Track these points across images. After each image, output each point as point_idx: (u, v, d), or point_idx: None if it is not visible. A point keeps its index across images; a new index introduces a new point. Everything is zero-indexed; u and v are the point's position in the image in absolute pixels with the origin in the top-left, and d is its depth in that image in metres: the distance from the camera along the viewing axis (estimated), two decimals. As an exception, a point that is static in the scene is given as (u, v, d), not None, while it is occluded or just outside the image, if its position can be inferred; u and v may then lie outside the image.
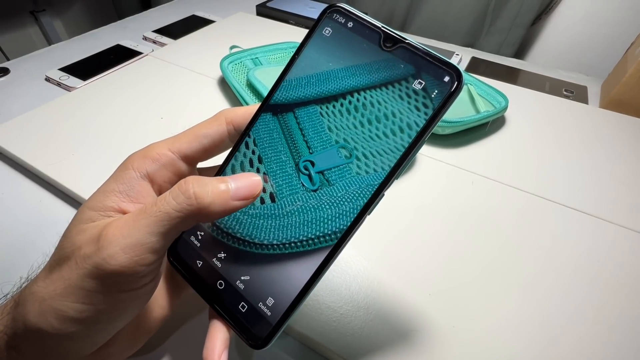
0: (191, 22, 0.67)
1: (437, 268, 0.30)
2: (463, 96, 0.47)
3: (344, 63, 0.18)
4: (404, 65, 0.17)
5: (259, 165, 0.20)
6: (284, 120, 0.19)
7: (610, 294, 0.29)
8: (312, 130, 0.19)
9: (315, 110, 0.19)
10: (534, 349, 0.25)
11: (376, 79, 0.17)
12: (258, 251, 0.19)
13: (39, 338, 0.16)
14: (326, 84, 0.18)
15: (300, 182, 0.19)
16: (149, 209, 0.16)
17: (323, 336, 0.25)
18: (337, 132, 0.18)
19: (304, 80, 0.19)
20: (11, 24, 0.92)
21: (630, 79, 0.49)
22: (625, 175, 0.40)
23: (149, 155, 0.19)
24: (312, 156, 0.19)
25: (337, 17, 0.18)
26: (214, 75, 0.51)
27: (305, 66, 0.19)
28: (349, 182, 0.18)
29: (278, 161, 0.19)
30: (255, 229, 0.19)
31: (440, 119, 0.16)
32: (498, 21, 0.75)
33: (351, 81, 0.18)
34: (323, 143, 0.18)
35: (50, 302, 0.16)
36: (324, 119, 0.19)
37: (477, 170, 0.39)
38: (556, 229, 0.34)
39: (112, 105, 0.44)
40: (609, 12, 0.68)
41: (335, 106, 0.18)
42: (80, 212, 0.18)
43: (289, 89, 0.19)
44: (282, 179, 0.19)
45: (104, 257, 0.15)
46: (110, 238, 0.16)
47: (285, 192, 0.19)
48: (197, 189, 0.16)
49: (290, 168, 0.19)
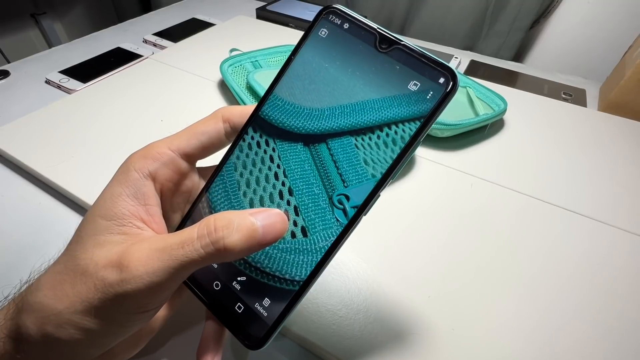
0: (191, 25, 0.67)
1: (436, 270, 0.30)
2: (462, 99, 0.47)
3: (342, 66, 0.18)
4: (399, 67, 0.17)
5: (290, 197, 0.19)
6: (316, 152, 0.18)
7: (608, 296, 0.29)
8: (346, 163, 0.18)
9: (350, 142, 0.18)
10: (533, 351, 0.25)
11: (410, 111, 0.17)
12: (291, 288, 0.18)
13: (54, 345, 0.17)
14: (361, 115, 0.18)
15: (334, 217, 0.18)
16: (175, 252, 0.16)
17: (322, 339, 0.25)
18: (374, 165, 0.17)
19: (337, 110, 0.18)
20: (12, 26, 0.92)
21: (628, 82, 0.49)
22: (623, 177, 0.40)
23: (149, 155, 0.19)
24: (346, 190, 0.18)
25: (333, 19, 0.18)
26: (214, 78, 0.51)
27: (301, 66, 0.19)
28: None
29: (310, 194, 0.18)
30: (286, 264, 0.18)
31: (435, 120, 0.16)
32: (497, 24, 0.76)
33: (387, 113, 0.17)
34: (359, 177, 0.18)
35: (69, 316, 0.16)
36: (359, 151, 0.18)
37: (476, 173, 0.39)
38: (555, 232, 0.34)
39: (112, 108, 0.44)
40: (607, 16, 0.69)
41: (371, 139, 0.17)
42: (93, 221, 0.18)
43: (316, 117, 0.18)
44: (314, 213, 0.18)
45: (127, 290, 0.16)
46: (134, 273, 0.16)
47: (318, 227, 0.18)
48: (228, 239, 0.16)
49: (324, 202, 0.18)
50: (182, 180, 0.21)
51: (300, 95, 0.19)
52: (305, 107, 0.19)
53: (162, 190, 0.20)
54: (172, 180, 0.20)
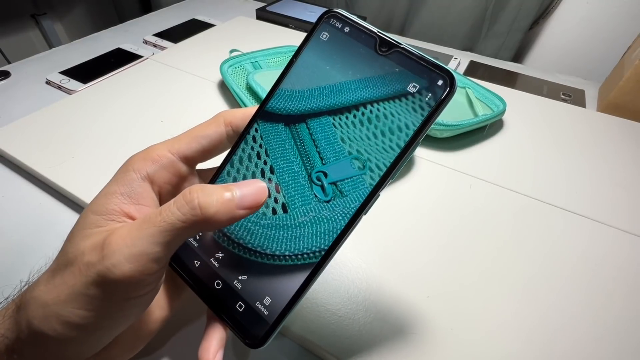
0: (191, 26, 0.67)
1: (435, 270, 0.30)
2: (461, 100, 0.47)
3: (343, 68, 0.18)
4: (398, 69, 0.17)
5: (271, 175, 0.19)
6: (296, 131, 0.19)
7: (607, 296, 0.29)
8: (324, 141, 0.19)
9: (328, 121, 0.19)
10: (532, 352, 0.26)
11: (388, 90, 0.17)
12: (270, 262, 0.19)
13: (42, 342, 0.16)
14: (339, 95, 0.18)
15: (312, 193, 0.19)
16: (153, 219, 0.16)
17: (322, 338, 0.25)
18: (350, 143, 0.18)
19: (316, 91, 0.19)
20: (12, 27, 0.93)
21: (627, 82, 0.49)
22: (622, 178, 0.40)
23: (149, 157, 0.19)
24: (324, 167, 0.19)
25: (334, 22, 0.19)
26: (214, 78, 0.51)
27: (309, 74, 0.19)
28: (363, 193, 0.18)
29: (290, 172, 0.19)
30: (267, 239, 0.19)
31: (433, 121, 0.16)
32: (496, 25, 0.76)
33: (364, 93, 0.18)
34: (336, 154, 0.18)
35: (54, 307, 0.16)
36: (336, 130, 0.18)
37: (475, 174, 0.39)
38: (554, 232, 0.34)
39: (112, 109, 0.45)
40: (606, 17, 0.69)
41: (348, 117, 0.18)
42: (84, 216, 0.18)
43: (299, 98, 0.19)
44: (294, 190, 0.19)
45: (108, 266, 0.15)
46: (114, 247, 0.16)
47: (297, 203, 0.19)
48: (202, 199, 0.16)
49: (303, 179, 0.19)
50: (181, 183, 0.21)
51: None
52: (293, 90, 0.20)
53: (160, 193, 0.20)
54: (171, 183, 0.20)
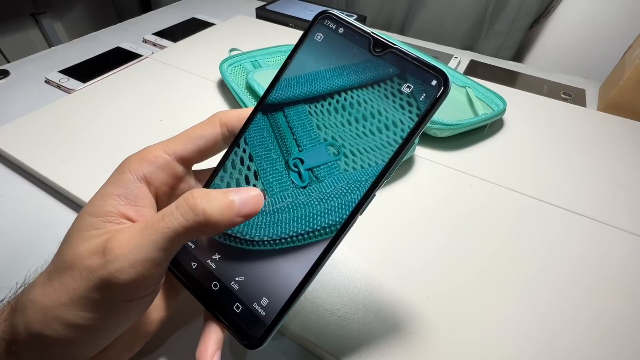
0: (191, 25, 0.67)
1: (435, 270, 0.30)
2: (461, 99, 0.47)
3: (337, 69, 0.18)
4: (393, 70, 0.17)
5: (250, 163, 0.20)
6: (274, 120, 0.20)
7: (607, 296, 0.29)
8: (301, 129, 0.19)
9: (304, 109, 0.19)
10: (532, 351, 0.26)
11: (363, 78, 0.18)
12: (249, 247, 0.19)
13: (43, 344, 0.16)
14: (315, 84, 0.19)
15: (290, 180, 0.19)
16: (156, 224, 0.16)
17: (321, 338, 0.25)
18: (326, 130, 0.19)
19: (293, 80, 0.19)
20: (11, 26, 0.92)
21: (627, 82, 0.49)
22: (622, 178, 0.40)
23: (145, 158, 0.19)
24: (301, 154, 0.19)
25: (329, 23, 0.19)
26: (214, 77, 0.51)
27: (297, 69, 0.19)
28: (338, 178, 0.18)
29: (268, 159, 0.20)
30: (246, 225, 0.19)
31: (427, 122, 0.17)
32: (496, 24, 0.76)
33: (339, 81, 0.18)
34: (312, 141, 0.19)
35: (56, 310, 0.16)
36: (312, 117, 0.19)
37: (475, 173, 0.39)
38: (554, 232, 0.34)
39: (111, 108, 0.45)
40: (607, 16, 0.69)
41: (323, 105, 0.19)
42: (81, 218, 0.18)
43: (279, 89, 0.20)
44: (272, 177, 0.19)
45: (111, 271, 0.15)
46: (118, 252, 0.16)
47: (275, 189, 0.19)
48: (206, 205, 0.16)
49: (281, 166, 0.19)
50: (177, 183, 0.21)
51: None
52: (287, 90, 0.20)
53: (157, 194, 0.20)
54: (168, 184, 0.20)
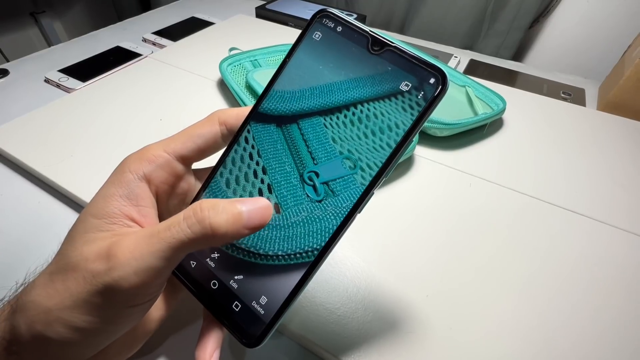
0: (191, 24, 0.67)
1: (434, 269, 0.30)
2: (461, 98, 0.47)
3: (335, 68, 0.18)
4: (391, 68, 0.17)
5: (263, 176, 0.19)
6: (288, 132, 0.19)
7: (606, 295, 0.29)
8: (316, 141, 0.19)
9: (319, 121, 0.19)
10: (531, 351, 0.26)
11: (378, 90, 0.18)
12: (262, 262, 0.19)
13: (44, 345, 0.16)
14: (329, 95, 0.19)
15: (305, 193, 0.19)
16: (162, 234, 0.16)
17: (320, 337, 0.25)
18: (342, 143, 0.18)
19: (308, 92, 0.19)
20: (11, 25, 0.92)
21: (627, 81, 0.49)
22: (622, 177, 0.40)
23: (145, 157, 0.19)
24: (316, 167, 0.19)
25: (327, 22, 0.19)
26: (213, 77, 0.51)
27: (302, 74, 0.19)
28: (354, 192, 0.18)
29: (282, 172, 0.19)
30: (260, 239, 0.19)
31: (426, 119, 0.16)
32: (496, 24, 0.76)
33: (356, 93, 0.18)
34: (327, 154, 0.18)
35: (58, 313, 0.16)
36: (328, 130, 0.19)
37: (474, 172, 0.39)
38: (553, 231, 0.34)
39: (111, 107, 0.44)
40: (606, 15, 0.69)
41: (339, 117, 0.18)
42: (84, 219, 0.18)
43: (291, 99, 0.19)
44: (286, 190, 0.19)
45: (115, 278, 0.15)
46: (122, 259, 0.16)
47: (290, 203, 0.19)
48: (214, 218, 0.16)
49: (295, 179, 0.19)
50: (177, 182, 0.21)
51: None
52: (285, 91, 0.20)
53: (157, 193, 0.20)
54: (168, 183, 0.20)
